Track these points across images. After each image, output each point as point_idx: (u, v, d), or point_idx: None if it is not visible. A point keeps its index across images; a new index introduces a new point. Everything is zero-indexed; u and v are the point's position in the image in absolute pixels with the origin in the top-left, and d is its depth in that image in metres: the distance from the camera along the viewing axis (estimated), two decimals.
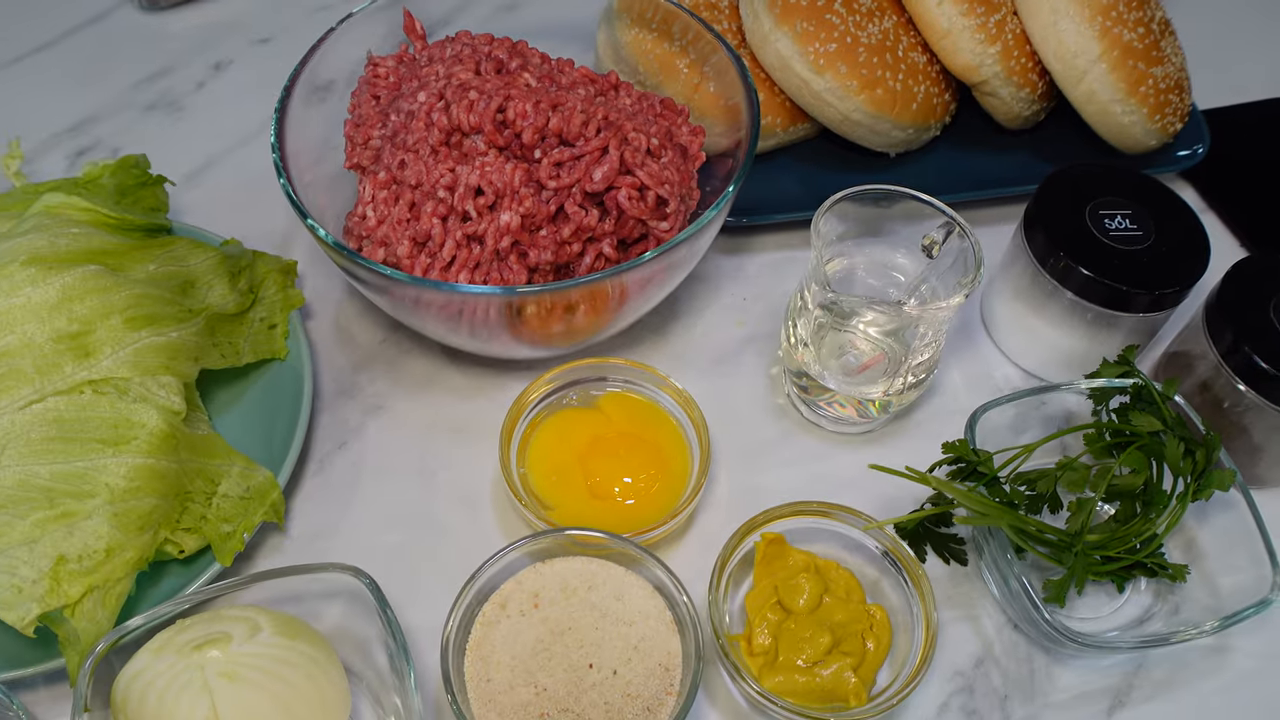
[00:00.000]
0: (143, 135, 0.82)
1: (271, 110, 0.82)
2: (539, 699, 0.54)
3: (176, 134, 0.82)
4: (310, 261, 0.73)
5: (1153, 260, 0.65)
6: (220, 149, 0.81)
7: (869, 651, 0.57)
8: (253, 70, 0.86)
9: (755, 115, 0.64)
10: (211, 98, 0.84)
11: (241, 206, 0.75)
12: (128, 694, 0.50)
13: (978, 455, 0.59)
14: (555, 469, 0.61)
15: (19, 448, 0.52)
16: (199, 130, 0.82)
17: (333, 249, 0.57)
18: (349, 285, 0.72)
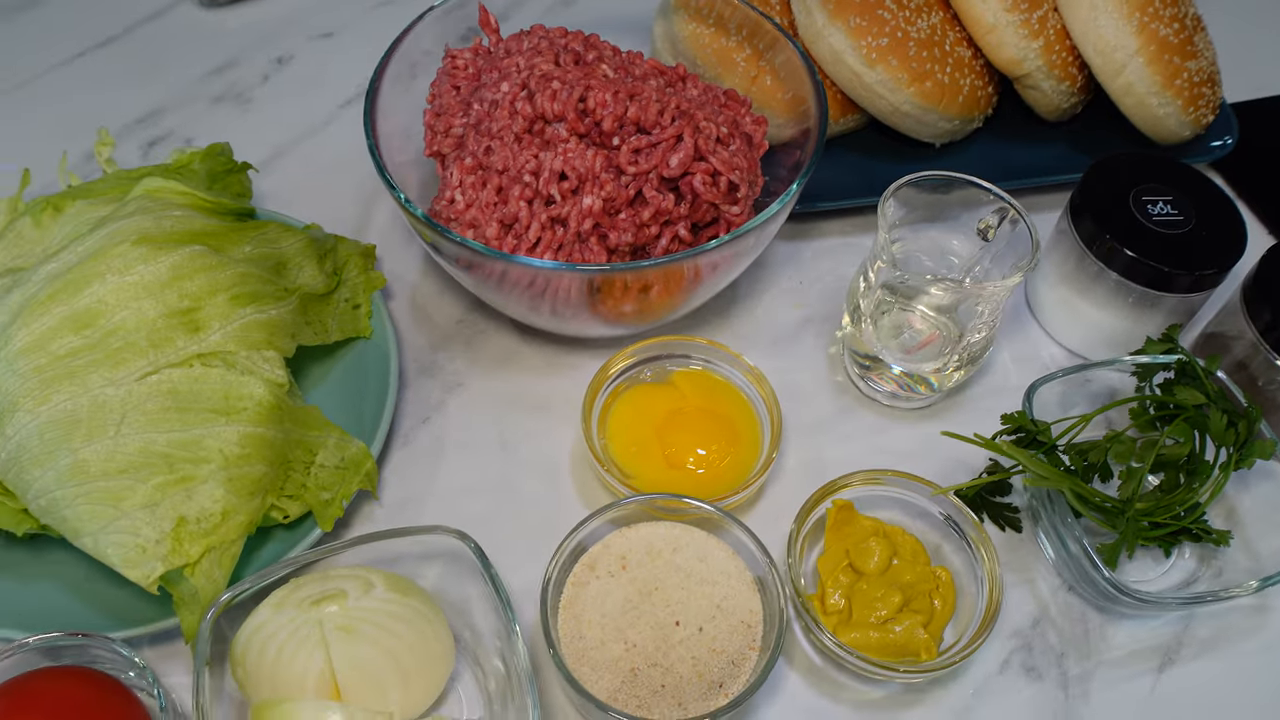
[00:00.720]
0: (212, 126, 0.84)
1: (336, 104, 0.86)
2: (629, 654, 0.57)
3: (245, 125, 0.84)
4: (384, 247, 0.76)
5: (1193, 243, 0.69)
6: (288, 139, 0.83)
7: (936, 610, 0.60)
8: (315, 64, 0.89)
9: (823, 107, 0.67)
10: (276, 90, 0.87)
11: (312, 195, 0.78)
12: (248, 647, 0.53)
13: (1036, 425, 0.62)
14: (634, 440, 0.65)
15: (137, 416, 0.55)
16: (267, 121, 0.85)
17: (426, 225, 0.60)
18: (424, 268, 0.75)
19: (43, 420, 0.55)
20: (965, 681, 0.61)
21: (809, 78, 0.68)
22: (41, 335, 0.56)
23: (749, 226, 0.62)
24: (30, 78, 0.87)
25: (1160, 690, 0.61)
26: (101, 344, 0.56)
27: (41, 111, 0.85)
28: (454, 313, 0.73)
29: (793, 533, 0.60)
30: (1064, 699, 0.61)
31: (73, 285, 0.56)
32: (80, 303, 0.56)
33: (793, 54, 0.70)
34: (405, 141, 0.70)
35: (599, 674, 0.56)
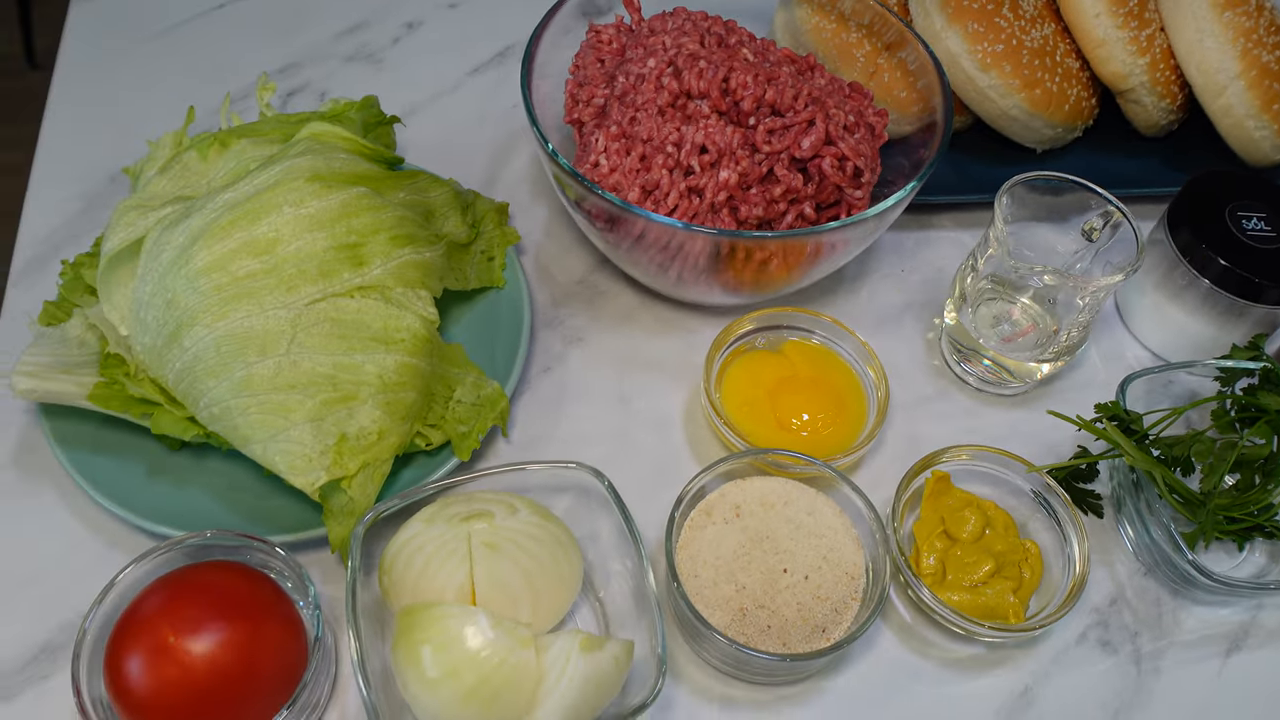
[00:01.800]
0: (345, 82, 0.89)
1: (463, 71, 0.90)
2: (739, 595, 0.61)
3: (376, 84, 0.89)
4: (512, 208, 0.80)
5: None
6: (419, 100, 0.88)
7: (1025, 579, 0.64)
8: (442, 31, 0.94)
9: (949, 105, 0.71)
10: (406, 53, 0.92)
11: (441, 154, 0.82)
12: (397, 557, 0.57)
13: (1129, 415, 0.66)
14: (746, 401, 0.69)
15: (306, 338, 0.60)
16: (397, 82, 0.89)
17: (575, 180, 0.64)
18: (548, 229, 0.80)
19: (220, 334, 0.59)
20: (1044, 649, 0.65)
21: (938, 77, 0.72)
22: (222, 257, 0.60)
23: (871, 212, 0.66)
24: (178, 22, 0.92)
25: (1227, 673, 0.65)
26: (277, 270, 0.60)
27: (188, 56, 0.90)
28: (576, 273, 0.78)
29: (896, 496, 0.64)
30: (1136, 673, 0.65)
31: (251, 214, 0.61)
32: (259, 230, 0.61)
33: (922, 53, 0.74)
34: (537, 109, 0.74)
35: (711, 610, 0.60)
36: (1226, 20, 0.80)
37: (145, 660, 0.53)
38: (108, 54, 0.90)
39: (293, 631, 0.57)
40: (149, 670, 0.53)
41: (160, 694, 0.53)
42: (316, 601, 0.57)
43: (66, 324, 0.66)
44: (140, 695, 0.53)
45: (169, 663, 0.53)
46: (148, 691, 0.53)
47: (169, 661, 0.53)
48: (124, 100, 0.87)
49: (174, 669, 0.53)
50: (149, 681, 0.53)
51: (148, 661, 0.53)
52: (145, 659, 0.53)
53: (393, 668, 0.55)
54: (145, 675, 0.53)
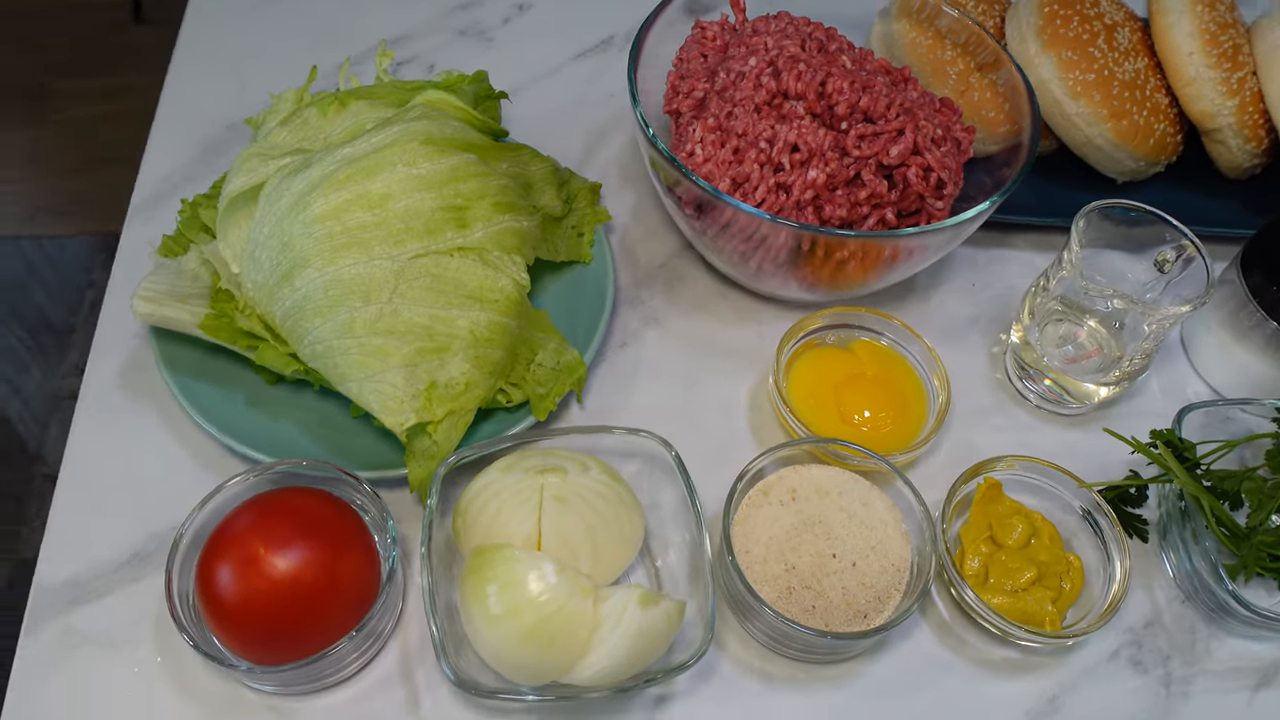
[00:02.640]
0: (454, 56, 0.93)
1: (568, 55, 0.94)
2: (787, 574, 0.64)
3: (484, 60, 0.93)
4: (603, 190, 0.84)
5: None
6: (522, 79, 0.92)
7: (1065, 590, 0.66)
8: (552, 16, 0.98)
9: (1036, 129, 0.73)
10: (516, 33, 0.96)
11: (540, 133, 0.86)
12: (473, 500, 0.61)
13: (1183, 443, 0.68)
14: (811, 393, 0.72)
15: (407, 289, 0.64)
16: (504, 60, 0.93)
17: (671, 165, 0.67)
18: (635, 213, 0.83)
19: (329, 278, 0.63)
20: (1077, 660, 0.67)
21: (1029, 101, 0.75)
22: (337, 207, 0.64)
23: (950, 222, 0.68)
24: None
25: (1255, 707, 0.67)
26: (386, 223, 0.64)
27: (307, 20, 0.95)
28: (658, 257, 0.81)
29: (947, 498, 0.67)
30: (1165, 695, 0.66)
31: (366, 170, 0.65)
32: (373, 186, 0.65)
33: (1015, 75, 0.76)
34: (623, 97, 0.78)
35: (760, 585, 0.63)
36: None
37: (235, 569, 0.57)
38: (231, 13, 0.95)
39: (369, 561, 0.61)
40: (238, 579, 0.57)
41: (246, 601, 0.57)
42: (394, 535, 0.61)
43: (183, 257, 0.71)
44: (228, 601, 0.57)
45: (256, 574, 0.57)
46: (235, 598, 0.57)
47: (256, 573, 0.57)
48: (244, 57, 0.92)
49: (261, 580, 0.57)
50: (237, 589, 0.57)
51: (237, 571, 0.57)
52: (235, 568, 0.57)
53: (459, 603, 0.59)
54: (234, 583, 0.57)
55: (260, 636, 0.58)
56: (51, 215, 1.99)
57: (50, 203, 2.01)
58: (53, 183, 2.04)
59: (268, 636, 0.58)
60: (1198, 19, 0.82)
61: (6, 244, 1.95)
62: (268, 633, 0.58)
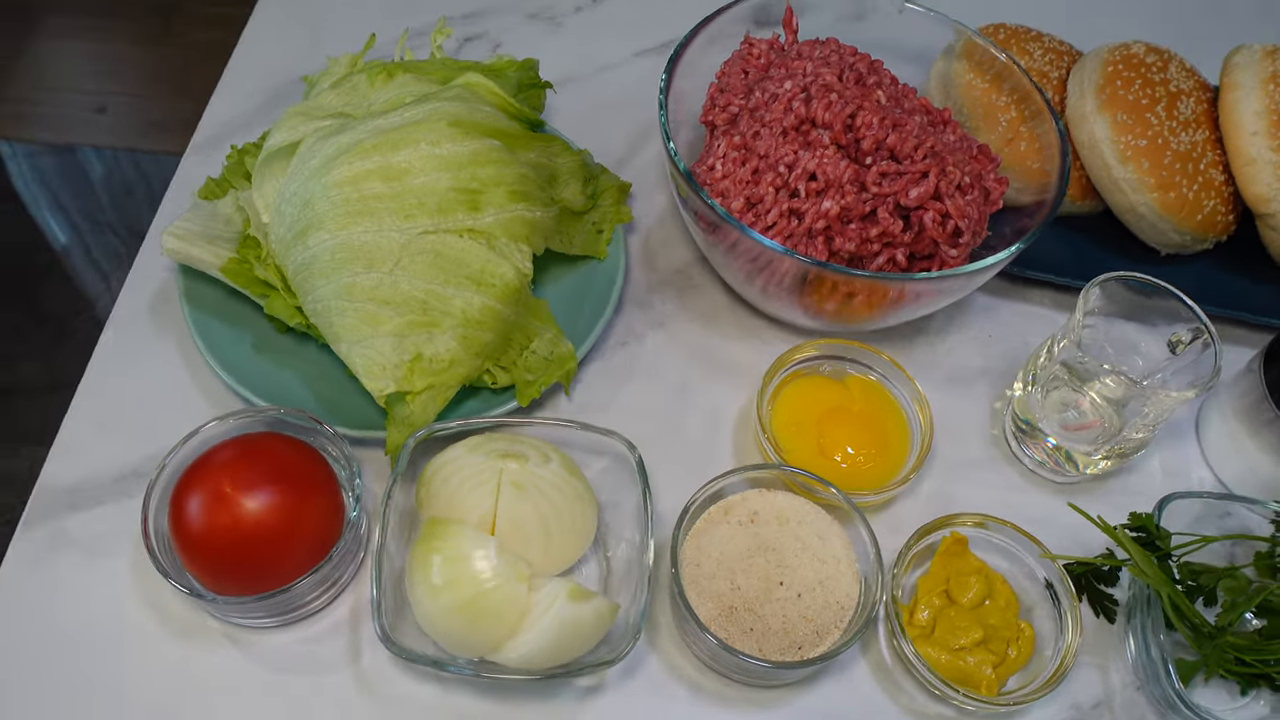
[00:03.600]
0: (521, 39, 0.95)
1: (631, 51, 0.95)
2: (732, 593, 0.65)
3: (550, 46, 0.95)
4: (635, 189, 0.85)
5: None
6: (584, 70, 0.94)
7: (1010, 657, 0.65)
8: (625, 11, 0.99)
9: (1062, 189, 0.72)
10: (585, 23, 0.97)
11: (587, 125, 0.88)
12: (436, 472, 0.64)
13: (1158, 531, 0.67)
14: (795, 420, 0.72)
15: (410, 263, 0.66)
16: (569, 48, 0.95)
17: (685, 180, 0.68)
18: (662, 217, 0.84)
19: (339, 241, 0.66)
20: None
21: (1060, 158, 0.74)
22: (356, 174, 0.67)
23: (955, 272, 0.68)
24: None
25: None
26: (400, 197, 0.67)
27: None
28: (676, 263, 0.82)
29: (905, 547, 0.67)
30: None
31: (391, 143, 0.68)
32: (394, 159, 0.67)
33: (1052, 131, 0.75)
34: (680, 103, 0.79)
35: (702, 599, 0.64)
36: None
37: (203, 503, 0.61)
38: None
39: (334, 510, 0.64)
40: (204, 512, 0.61)
41: (209, 534, 0.61)
42: (359, 491, 0.64)
43: (220, 200, 0.75)
44: (193, 531, 0.61)
45: (222, 509, 0.61)
46: (200, 530, 0.61)
47: (222, 508, 0.61)
48: (322, 14, 0.96)
49: (224, 515, 0.61)
50: (202, 522, 0.61)
51: (204, 505, 0.61)
52: (203, 502, 0.61)
53: (407, 566, 0.62)
54: (200, 516, 0.61)
55: (220, 568, 0.61)
56: (163, 132, 2.09)
57: (164, 119, 2.11)
58: (169, 100, 2.14)
59: (227, 569, 0.61)
60: (1268, 98, 0.80)
61: (122, 154, 2.05)
62: (227, 565, 0.61)
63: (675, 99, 0.77)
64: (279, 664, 0.64)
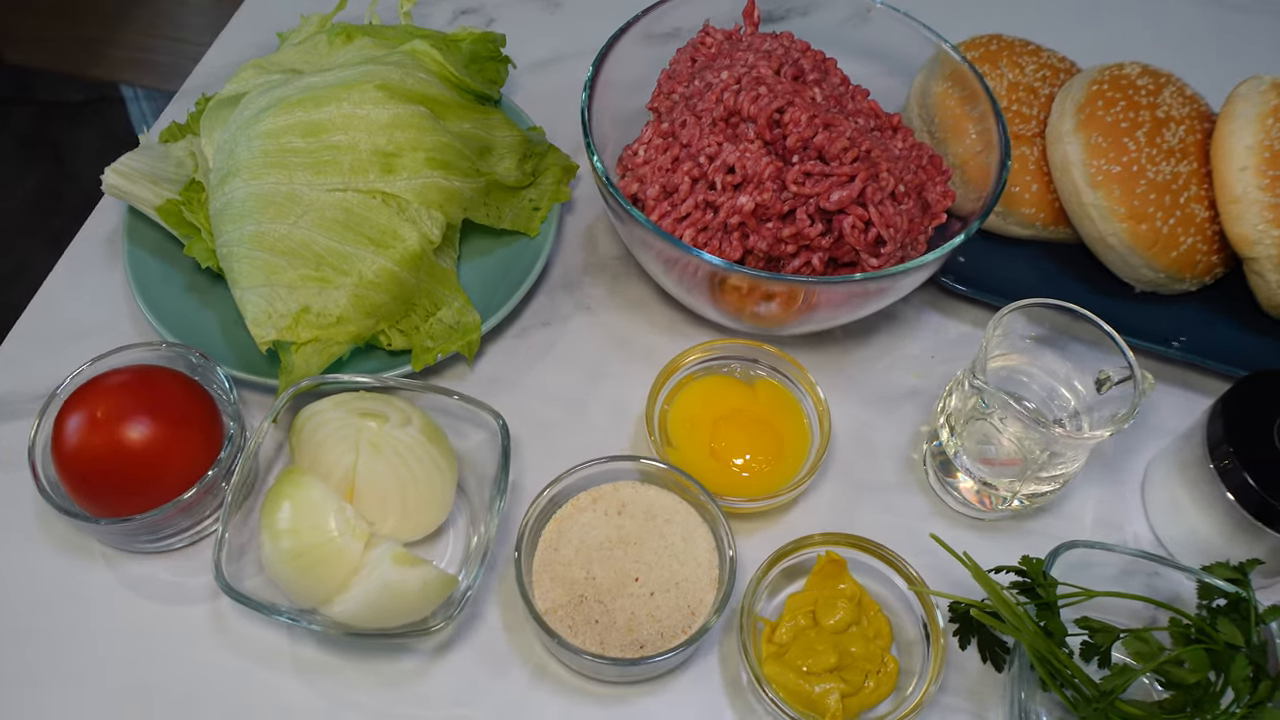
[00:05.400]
0: (516, 15, 0.96)
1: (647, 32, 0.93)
2: (584, 583, 0.64)
3: (544, 25, 0.95)
4: (588, 172, 0.84)
5: None
6: (570, 51, 0.93)
7: (866, 689, 0.62)
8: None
9: (988, 207, 0.68)
10: (584, 6, 0.97)
11: (560, 105, 0.87)
12: (304, 424, 0.64)
13: (1045, 579, 0.62)
14: (691, 418, 0.70)
15: (314, 218, 0.67)
16: (562, 29, 0.95)
17: (596, 170, 0.67)
18: None
19: (251, 190, 0.68)
20: None
21: (995, 177, 0.70)
22: (279, 128, 0.69)
23: (840, 280, 0.65)
24: None
25: None
26: (316, 153, 0.68)
27: None
28: (616, 249, 0.81)
29: (768, 559, 0.64)
30: None
31: (316, 100, 0.69)
32: (316, 116, 0.69)
33: (994, 155, 0.71)
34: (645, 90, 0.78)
35: (555, 584, 0.63)
36: None
37: (78, 427, 0.63)
38: None
39: (213, 447, 0.65)
40: (78, 435, 0.63)
41: (81, 456, 0.63)
42: (231, 431, 0.65)
43: (175, 144, 0.77)
44: (66, 452, 0.63)
45: (94, 433, 0.63)
46: (72, 451, 0.63)
47: (95, 433, 0.63)
48: None
49: (97, 440, 0.63)
50: (75, 444, 0.63)
51: (80, 428, 0.63)
52: (79, 426, 0.63)
53: (260, 508, 0.63)
54: (74, 438, 0.63)
55: (91, 490, 0.64)
56: None
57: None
58: None
59: (97, 491, 0.63)
60: (1263, 132, 0.73)
61: None
62: (97, 487, 0.63)
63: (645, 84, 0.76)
64: (145, 590, 0.66)
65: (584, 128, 0.70)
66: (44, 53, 1.93)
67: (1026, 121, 0.80)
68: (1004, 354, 0.69)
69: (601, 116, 0.76)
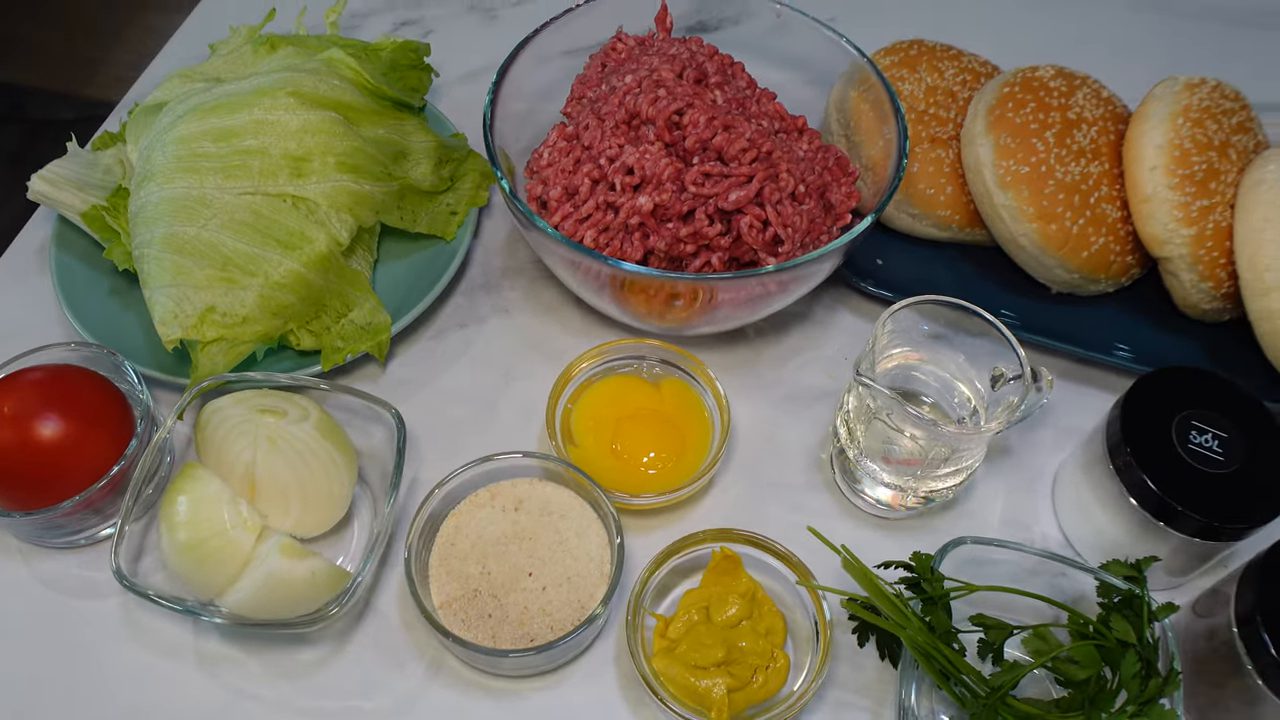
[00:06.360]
0: (454, 28, 0.98)
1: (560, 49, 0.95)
2: (479, 577, 0.64)
3: (481, 37, 0.97)
4: None
5: (1220, 490, 0.64)
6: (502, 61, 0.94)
7: (754, 684, 0.62)
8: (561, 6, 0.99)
9: (887, 197, 0.69)
10: (522, 16, 0.99)
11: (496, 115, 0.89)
12: (207, 420, 0.66)
13: (932, 574, 0.62)
14: (596, 417, 0.71)
15: (223, 219, 0.69)
16: (499, 40, 0.95)
17: (490, 176, 0.69)
18: None
19: (164, 194, 0.70)
20: None
21: (892, 174, 0.70)
22: (193, 133, 0.70)
23: (720, 276, 0.65)
24: None
25: None
26: (227, 158, 0.70)
27: None
28: (533, 253, 0.82)
29: (658, 556, 0.64)
30: None
31: (229, 107, 0.71)
32: (229, 122, 0.70)
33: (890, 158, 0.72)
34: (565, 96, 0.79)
35: (451, 578, 0.64)
36: None
37: None
38: None
39: (122, 443, 0.67)
40: None
41: None
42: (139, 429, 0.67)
43: (105, 152, 0.79)
44: None
45: (3, 429, 0.65)
46: None
47: (3, 428, 0.65)
48: None
49: (5, 435, 0.64)
50: None
51: None
52: None
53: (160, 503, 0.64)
54: None
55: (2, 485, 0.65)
56: None
57: None
58: None
59: (8, 486, 0.65)
60: (1174, 132, 0.74)
61: None
62: (8, 483, 0.65)
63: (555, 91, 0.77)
64: (59, 585, 0.68)
65: (485, 133, 0.71)
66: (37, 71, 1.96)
67: (944, 124, 0.81)
68: (903, 351, 0.70)
69: (519, 123, 0.77)
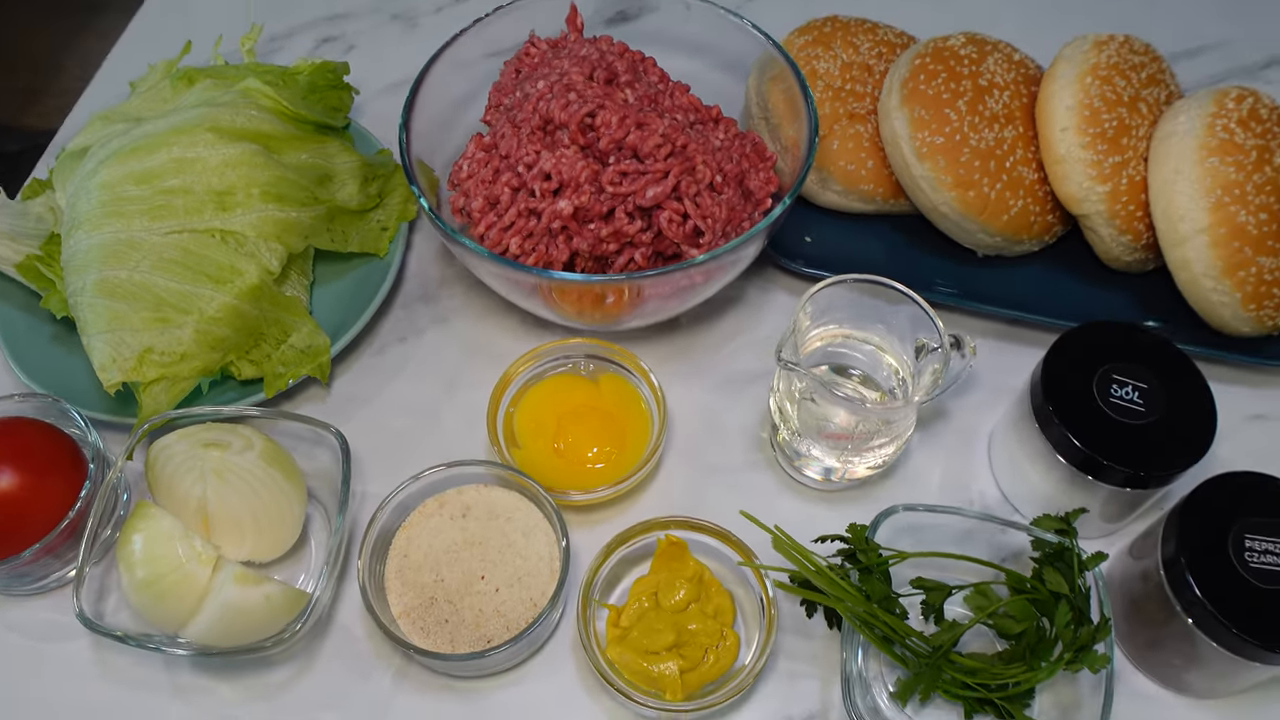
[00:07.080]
0: (376, 40, 0.98)
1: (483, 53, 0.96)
2: (434, 585, 0.66)
3: (403, 47, 0.97)
4: None
5: (1141, 441, 0.65)
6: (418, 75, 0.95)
7: (705, 664, 0.64)
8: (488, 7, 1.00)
9: (797, 187, 0.70)
10: (444, 23, 0.99)
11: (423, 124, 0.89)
12: (155, 458, 0.67)
13: (866, 544, 0.64)
14: (537, 418, 0.73)
15: (153, 260, 0.70)
16: (422, 49, 0.95)
17: (413, 193, 0.70)
18: None
19: (93, 241, 0.71)
20: None
21: (804, 156, 0.71)
22: (116, 178, 0.71)
23: (647, 275, 0.67)
24: None
25: None
26: (151, 199, 0.71)
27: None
28: None
29: (606, 546, 0.66)
30: None
31: (149, 148, 0.72)
32: (149, 163, 0.71)
33: (804, 132, 0.73)
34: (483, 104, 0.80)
35: (407, 589, 0.66)
36: (1209, 167, 0.72)
37: None
38: None
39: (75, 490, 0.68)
40: None
41: None
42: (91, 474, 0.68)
43: (36, 200, 0.80)
44: None
45: None
46: None
47: None
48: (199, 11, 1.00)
49: None
50: None
51: None
52: None
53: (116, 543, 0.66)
54: None
55: None
56: None
57: None
58: None
59: None
60: (1083, 91, 0.75)
61: None
62: None
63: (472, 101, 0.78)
64: (27, 631, 0.69)
65: (402, 153, 0.72)
66: None
67: (861, 100, 0.82)
68: (829, 329, 0.71)
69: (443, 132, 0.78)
